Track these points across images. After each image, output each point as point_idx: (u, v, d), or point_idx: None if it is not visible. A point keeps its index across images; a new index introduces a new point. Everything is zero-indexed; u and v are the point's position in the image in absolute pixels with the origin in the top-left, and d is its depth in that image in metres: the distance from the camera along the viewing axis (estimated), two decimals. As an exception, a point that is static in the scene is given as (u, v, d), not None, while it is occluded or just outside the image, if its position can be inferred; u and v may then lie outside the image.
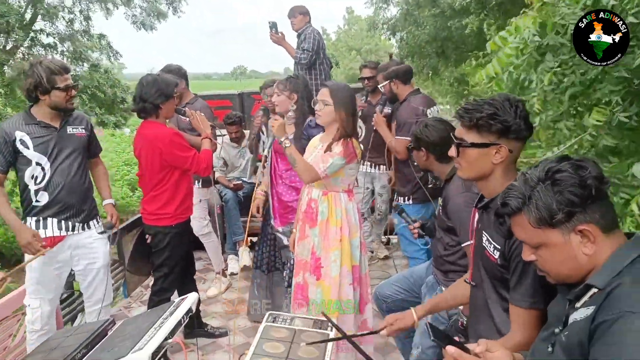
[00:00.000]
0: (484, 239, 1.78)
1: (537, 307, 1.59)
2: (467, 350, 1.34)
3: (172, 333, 1.64)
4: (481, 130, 1.67)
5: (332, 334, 1.95)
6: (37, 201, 2.84)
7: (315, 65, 4.79)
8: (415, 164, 2.97)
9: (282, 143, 2.77)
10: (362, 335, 2.55)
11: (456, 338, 1.99)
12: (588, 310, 1.18)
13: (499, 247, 1.68)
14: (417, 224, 2.72)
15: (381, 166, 4.53)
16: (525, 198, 1.27)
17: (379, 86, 4.14)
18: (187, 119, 3.37)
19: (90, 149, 3.09)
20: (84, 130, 2.99)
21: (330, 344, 1.83)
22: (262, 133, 4.18)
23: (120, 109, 15.92)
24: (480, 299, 1.85)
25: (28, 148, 2.77)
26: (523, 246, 1.35)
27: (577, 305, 1.23)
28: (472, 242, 1.92)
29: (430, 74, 13.33)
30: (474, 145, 1.69)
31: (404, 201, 3.76)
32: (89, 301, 3.10)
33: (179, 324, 1.71)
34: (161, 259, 3.16)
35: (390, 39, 17.19)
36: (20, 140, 2.76)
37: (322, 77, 4.83)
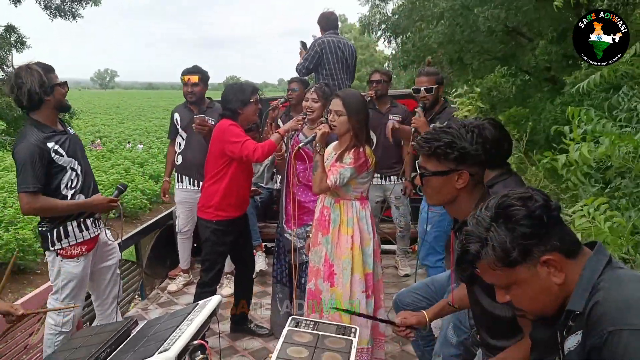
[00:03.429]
0: None
1: None
2: None
3: (196, 334, 1.64)
4: (441, 159, 1.73)
5: (355, 340, 1.94)
6: None
7: (314, 76, 4.68)
8: None
9: (319, 149, 2.79)
10: (381, 320, 2.55)
11: None
12: (577, 337, 1.18)
13: None
14: None
15: (392, 177, 4.43)
16: (483, 241, 1.23)
17: (429, 87, 3.65)
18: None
19: None
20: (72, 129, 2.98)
21: (353, 351, 1.86)
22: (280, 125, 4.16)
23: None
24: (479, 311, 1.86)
25: (63, 156, 2.74)
26: (495, 289, 1.31)
27: (567, 333, 1.22)
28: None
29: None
30: (435, 173, 1.75)
31: None
32: (104, 303, 3.07)
33: (203, 325, 1.70)
34: (203, 252, 3.36)
35: (389, 43, 14.15)
36: (54, 150, 2.70)
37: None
